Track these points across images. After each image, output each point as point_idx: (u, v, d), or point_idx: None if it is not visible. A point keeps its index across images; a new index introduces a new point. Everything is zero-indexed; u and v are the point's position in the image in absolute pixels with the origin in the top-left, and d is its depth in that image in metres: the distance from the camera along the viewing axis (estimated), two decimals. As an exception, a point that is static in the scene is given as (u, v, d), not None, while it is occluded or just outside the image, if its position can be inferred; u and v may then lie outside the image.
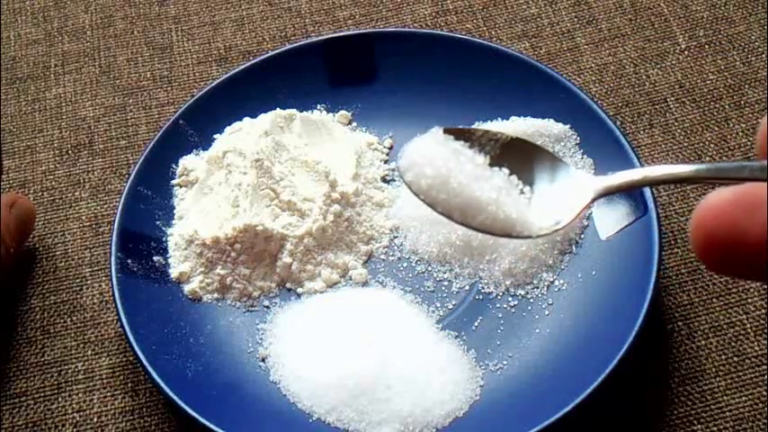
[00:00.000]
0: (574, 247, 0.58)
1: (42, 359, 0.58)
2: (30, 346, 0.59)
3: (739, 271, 0.27)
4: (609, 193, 0.38)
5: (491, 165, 0.41)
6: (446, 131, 0.41)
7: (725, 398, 0.53)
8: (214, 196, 0.61)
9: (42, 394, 0.57)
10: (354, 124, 0.66)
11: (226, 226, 0.58)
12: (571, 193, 0.39)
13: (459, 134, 0.41)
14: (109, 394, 0.57)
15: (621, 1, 0.72)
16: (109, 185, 0.66)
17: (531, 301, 0.57)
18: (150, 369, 0.52)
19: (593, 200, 0.38)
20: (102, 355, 0.58)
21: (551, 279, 0.57)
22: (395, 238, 0.61)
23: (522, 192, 0.40)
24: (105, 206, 0.65)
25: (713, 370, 0.54)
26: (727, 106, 0.66)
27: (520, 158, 0.41)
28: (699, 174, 0.32)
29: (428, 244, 0.59)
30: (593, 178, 0.38)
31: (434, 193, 0.40)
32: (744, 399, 0.53)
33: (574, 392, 0.50)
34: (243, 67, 0.66)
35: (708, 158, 0.63)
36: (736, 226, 0.26)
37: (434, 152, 0.40)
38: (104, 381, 0.57)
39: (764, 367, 0.54)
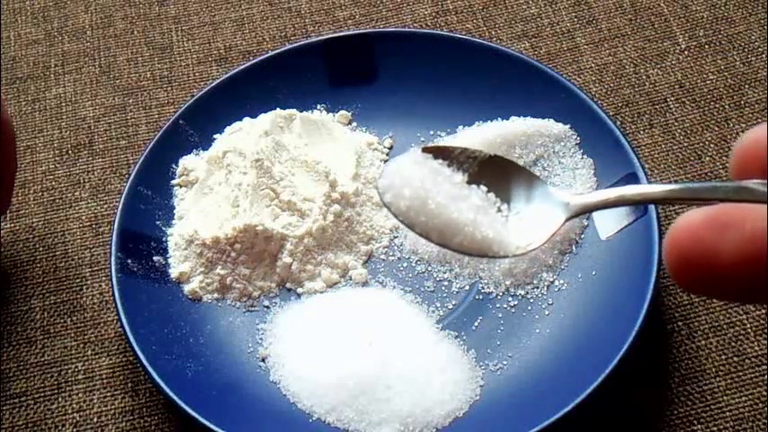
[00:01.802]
0: (574, 247, 0.58)
1: (42, 359, 0.58)
2: (30, 346, 0.59)
3: (711, 291, 0.27)
4: (585, 212, 0.39)
5: (469, 182, 0.41)
6: (425, 150, 0.42)
7: (725, 398, 0.53)
8: (214, 196, 0.61)
9: (42, 394, 0.57)
10: (354, 124, 0.66)
11: (226, 226, 0.58)
12: (547, 212, 0.39)
13: (438, 152, 0.42)
14: (109, 394, 0.57)
15: (621, 1, 0.72)
16: (109, 185, 0.66)
17: (531, 301, 0.57)
18: (150, 369, 0.52)
19: (569, 218, 0.39)
20: (102, 355, 0.58)
21: (551, 279, 0.57)
22: (395, 238, 0.61)
23: (499, 209, 0.41)
24: (105, 206, 0.65)
25: (713, 370, 0.54)
26: (727, 106, 0.66)
27: (497, 176, 0.42)
28: (672, 194, 0.33)
29: (428, 244, 0.59)
30: (569, 197, 0.39)
31: (413, 214, 0.40)
32: (744, 399, 0.53)
33: (574, 392, 0.50)
34: (243, 67, 0.66)
35: (708, 158, 0.63)
36: (708, 246, 0.26)
37: (412, 173, 0.41)
38: (104, 381, 0.57)
39: (764, 367, 0.54)
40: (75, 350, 0.58)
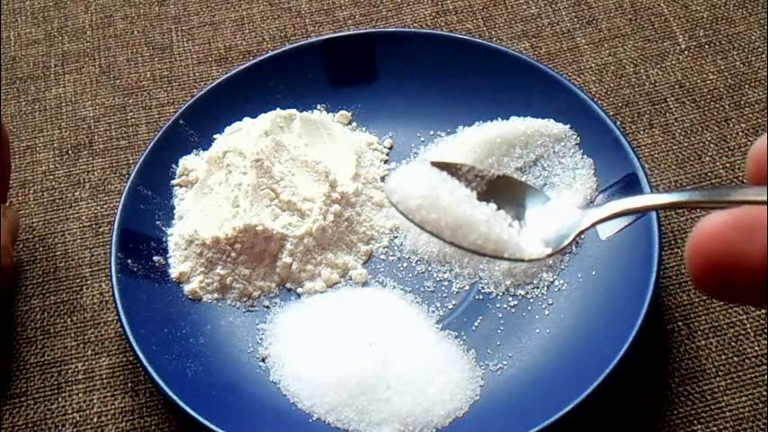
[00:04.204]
0: (574, 247, 0.58)
1: (42, 359, 0.58)
2: (30, 346, 0.59)
3: (739, 296, 0.26)
4: (596, 225, 0.38)
5: (478, 200, 0.41)
6: (433, 164, 0.41)
7: (725, 398, 0.53)
8: (214, 196, 0.61)
9: (42, 394, 0.57)
10: (354, 124, 0.66)
11: (226, 226, 0.58)
12: (560, 225, 0.39)
13: (445, 168, 0.41)
14: (109, 394, 0.57)
15: (621, 1, 0.72)
16: (109, 185, 0.66)
17: (531, 301, 0.57)
18: (150, 369, 0.52)
19: (582, 232, 0.38)
20: (102, 355, 0.58)
21: (551, 279, 0.57)
22: (395, 238, 0.61)
23: (510, 225, 0.40)
24: (105, 206, 0.65)
25: (713, 370, 0.54)
26: (727, 106, 0.66)
27: (506, 195, 0.41)
28: (682, 202, 0.33)
29: (428, 244, 0.59)
30: (581, 211, 0.39)
31: (424, 212, 0.39)
32: (744, 399, 0.53)
33: (574, 392, 0.50)
34: (243, 67, 0.66)
35: (708, 158, 0.63)
36: (735, 249, 0.25)
37: (423, 175, 0.40)
38: (104, 381, 0.57)
39: (764, 367, 0.54)
40: (75, 350, 0.58)
